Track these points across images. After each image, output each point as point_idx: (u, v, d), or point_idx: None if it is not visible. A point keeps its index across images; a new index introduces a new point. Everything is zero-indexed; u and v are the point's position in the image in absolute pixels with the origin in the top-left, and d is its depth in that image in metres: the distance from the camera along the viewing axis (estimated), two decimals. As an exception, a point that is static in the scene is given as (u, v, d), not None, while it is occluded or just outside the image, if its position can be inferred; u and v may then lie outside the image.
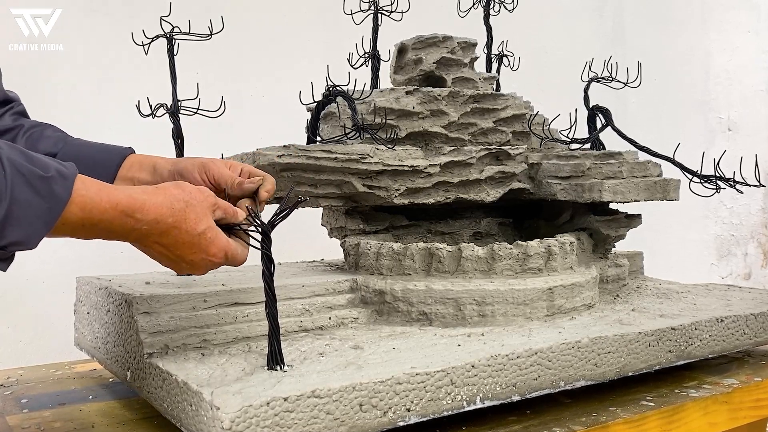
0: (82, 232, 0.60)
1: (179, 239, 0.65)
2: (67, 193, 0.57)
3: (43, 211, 0.55)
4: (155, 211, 0.63)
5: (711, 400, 0.86)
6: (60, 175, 0.57)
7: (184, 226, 0.64)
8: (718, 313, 0.95)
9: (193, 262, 0.67)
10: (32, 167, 0.55)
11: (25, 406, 0.85)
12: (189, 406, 0.64)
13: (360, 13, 1.12)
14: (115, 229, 0.61)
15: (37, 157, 0.57)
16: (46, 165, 0.56)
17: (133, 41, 0.94)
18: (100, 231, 0.61)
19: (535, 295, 0.88)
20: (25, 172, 0.54)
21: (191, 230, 0.65)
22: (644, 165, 1.05)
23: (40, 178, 0.55)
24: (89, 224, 0.59)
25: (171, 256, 0.66)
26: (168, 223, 0.63)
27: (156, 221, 0.63)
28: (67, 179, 0.57)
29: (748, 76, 1.96)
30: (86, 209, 0.58)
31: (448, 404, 0.70)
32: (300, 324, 0.84)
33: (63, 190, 0.56)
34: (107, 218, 0.60)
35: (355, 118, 0.94)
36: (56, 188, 0.56)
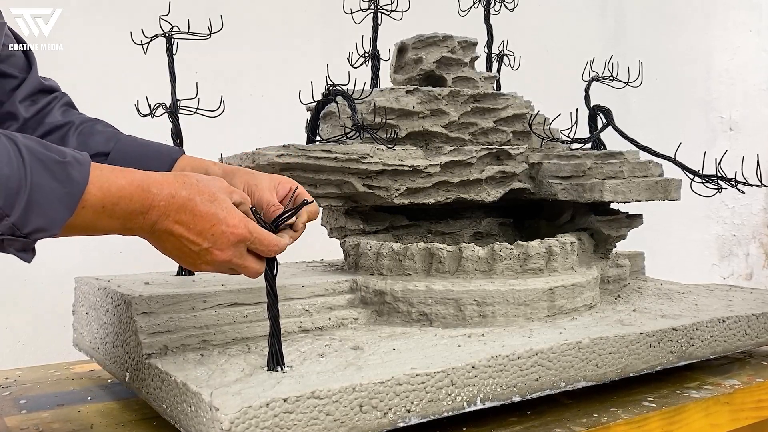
0: (103, 219, 0.59)
1: (196, 211, 0.63)
2: (84, 177, 0.56)
3: (64, 195, 0.55)
4: (169, 185, 0.62)
5: (712, 401, 0.85)
6: (76, 160, 0.57)
7: (198, 197, 0.63)
8: (719, 314, 0.94)
9: (215, 238, 0.64)
10: (49, 153, 0.55)
11: (23, 407, 0.84)
12: (188, 407, 0.64)
13: (360, 12, 1.12)
14: (135, 207, 0.60)
15: (51, 144, 0.57)
16: (62, 151, 0.56)
17: (132, 40, 0.93)
18: (120, 214, 0.60)
19: (535, 296, 0.88)
20: (43, 158, 0.54)
21: (207, 197, 0.64)
22: (645, 165, 1.05)
23: (57, 163, 0.55)
24: (109, 205, 0.58)
25: (191, 236, 0.63)
26: (183, 196, 0.62)
27: (171, 195, 0.62)
28: (83, 164, 0.57)
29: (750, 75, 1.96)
30: (104, 188, 0.58)
31: (449, 405, 0.70)
32: (300, 325, 0.84)
33: (80, 174, 0.56)
34: (126, 195, 0.59)
35: (355, 118, 0.94)
36: (74, 172, 0.56)
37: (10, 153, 0.53)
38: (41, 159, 0.54)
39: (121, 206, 0.59)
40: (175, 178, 0.63)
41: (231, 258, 0.66)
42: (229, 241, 0.65)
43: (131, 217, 0.61)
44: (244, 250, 0.66)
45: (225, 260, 0.65)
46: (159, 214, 0.62)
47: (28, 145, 0.54)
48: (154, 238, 0.65)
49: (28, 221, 0.53)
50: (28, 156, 0.54)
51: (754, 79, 1.95)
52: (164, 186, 0.62)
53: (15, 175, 0.53)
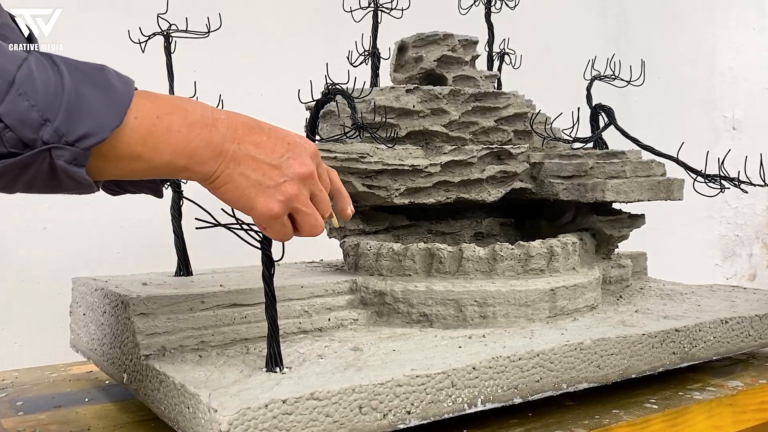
0: (161, 132, 0.53)
1: (263, 125, 0.58)
2: (128, 85, 0.52)
3: (109, 102, 0.51)
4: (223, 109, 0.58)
5: (715, 403, 0.85)
6: (116, 72, 0.53)
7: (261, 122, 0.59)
8: (722, 315, 0.94)
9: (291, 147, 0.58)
10: (87, 63, 0.52)
11: (20, 408, 0.84)
12: (186, 408, 0.63)
13: (360, 10, 1.11)
14: (195, 118, 0.54)
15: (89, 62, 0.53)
16: (100, 64, 0.53)
17: (129, 39, 0.93)
18: (179, 124, 0.53)
19: (537, 296, 0.87)
20: (81, 66, 0.51)
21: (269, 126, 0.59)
22: (648, 164, 1.04)
23: (97, 70, 0.52)
24: (164, 115, 0.53)
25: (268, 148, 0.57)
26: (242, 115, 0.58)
27: (232, 113, 0.57)
28: (124, 77, 0.53)
29: (754, 74, 1.94)
30: (152, 98, 0.53)
31: (449, 406, 0.69)
32: (299, 325, 0.83)
33: (122, 82, 0.52)
34: (180, 106, 0.54)
35: (355, 117, 0.94)
36: (115, 81, 0.52)
37: (44, 62, 0.50)
38: (78, 68, 0.51)
39: (178, 116, 0.53)
40: None
41: (313, 171, 0.60)
42: (306, 152, 0.60)
43: (193, 130, 0.54)
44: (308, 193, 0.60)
45: (309, 172, 0.59)
46: (226, 127, 0.56)
47: (62, 57, 0.51)
48: (228, 162, 0.56)
49: (74, 126, 0.49)
50: (63, 64, 0.50)
51: (758, 77, 1.94)
52: (219, 109, 0.57)
53: (51, 81, 0.49)
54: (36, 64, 0.49)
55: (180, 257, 0.97)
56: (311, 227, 0.62)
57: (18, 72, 0.48)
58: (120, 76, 0.53)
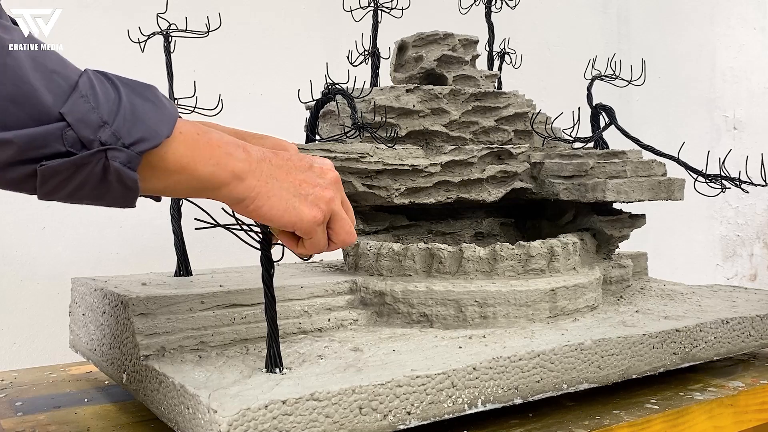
0: (202, 147, 0.56)
1: (290, 154, 0.62)
2: (172, 105, 0.56)
3: (158, 113, 0.54)
4: None
5: (716, 403, 0.85)
6: (159, 90, 0.56)
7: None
8: (723, 315, 0.94)
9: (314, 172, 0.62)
10: (134, 79, 0.55)
11: (19, 409, 0.84)
12: (186, 409, 0.63)
13: (360, 9, 1.11)
14: (230, 140, 0.58)
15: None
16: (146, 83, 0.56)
17: (129, 38, 0.93)
18: (217, 142, 0.57)
19: (537, 297, 0.87)
20: (129, 82, 0.54)
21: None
22: (648, 164, 1.04)
23: (145, 87, 0.55)
24: (203, 133, 0.56)
25: (295, 168, 0.61)
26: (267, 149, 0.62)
27: (259, 145, 0.62)
28: (166, 97, 0.57)
29: (755, 73, 1.95)
30: (190, 121, 0.57)
31: (449, 407, 0.69)
32: (298, 326, 0.83)
33: (167, 100, 0.56)
34: (216, 131, 0.58)
35: (355, 117, 0.94)
36: (163, 99, 0.55)
37: (99, 75, 0.53)
38: (128, 84, 0.54)
39: (215, 135, 0.57)
40: None
41: (338, 177, 0.64)
42: (326, 164, 0.64)
43: (232, 146, 0.58)
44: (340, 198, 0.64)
45: (337, 178, 0.63)
46: (256, 149, 0.60)
47: (114, 74, 0.54)
48: (266, 179, 0.59)
49: (130, 131, 0.52)
50: (116, 79, 0.54)
51: (759, 77, 1.94)
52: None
53: (109, 90, 0.52)
54: (94, 76, 0.53)
55: (179, 257, 0.96)
56: (347, 234, 0.64)
57: (80, 79, 0.51)
58: (165, 96, 0.57)
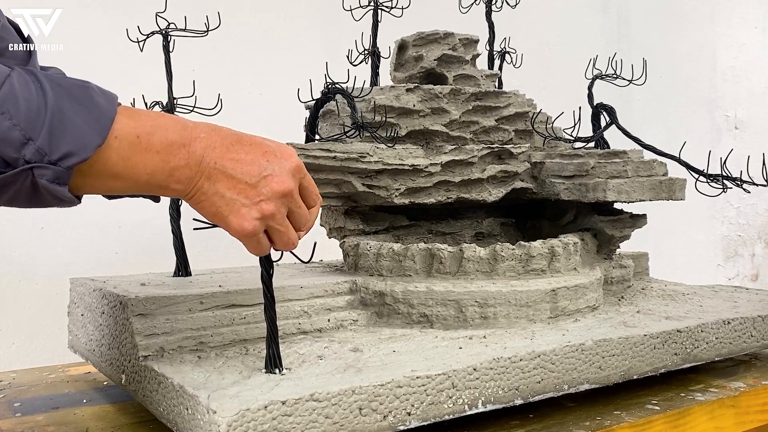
0: (140, 152, 0.53)
1: (244, 140, 0.59)
2: (111, 103, 0.53)
3: (91, 119, 0.51)
4: (205, 123, 0.58)
5: (717, 404, 0.84)
6: (100, 89, 0.53)
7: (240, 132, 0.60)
8: (724, 315, 0.93)
9: (270, 164, 0.58)
10: (71, 79, 0.52)
11: (18, 410, 0.83)
12: (185, 409, 0.63)
13: (360, 9, 1.11)
14: (174, 138, 0.55)
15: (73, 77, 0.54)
16: (83, 81, 0.53)
17: (128, 38, 0.93)
18: (158, 145, 0.54)
19: (538, 297, 0.87)
20: (64, 83, 0.51)
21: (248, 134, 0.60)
22: (649, 164, 1.04)
23: (80, 87, 0.52)
24: (144, 135, 0.53)
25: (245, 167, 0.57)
26: (224, 128, 0.59)
27: (211, 128, 0.58)
28: (108, 94, 0.53)
29: (756, 73, 1.94)
30: (135, 117, 0.54)
31: (450, 408, 0.69)
32: (298, 326, 0.83)
33: (106, 100, 0.53)
34: (161, 124, 0.55)
35: (355, 116, 0.93)
36: (99, 99, 0.52)
37: (27, 78, 0.50)
38: (61, 84, 0.51)
39: (158, 136, 0.54)
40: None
41: (292, 189, 0.59)
42: (285, 168, 0.59)
43: (172, 150, 0.55)
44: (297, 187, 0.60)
45: (288, 189, 0.59)
46: (204, 146, 0.56)
47: (46, 74, 0.51)
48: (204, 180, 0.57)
49: (56, 145, 0.49)
50: (47, 81, 0.50)
51: (760, 76, 1.94)
52: (200, 123, 0.58)
53: (34, 99, 0.49)
54: (18, 80, 0.49)
55: (179, 257, 0.96)
56: (284, 244, 0.62)
57: (0, 90, 0.48)
58: (104, 92, 0.54)
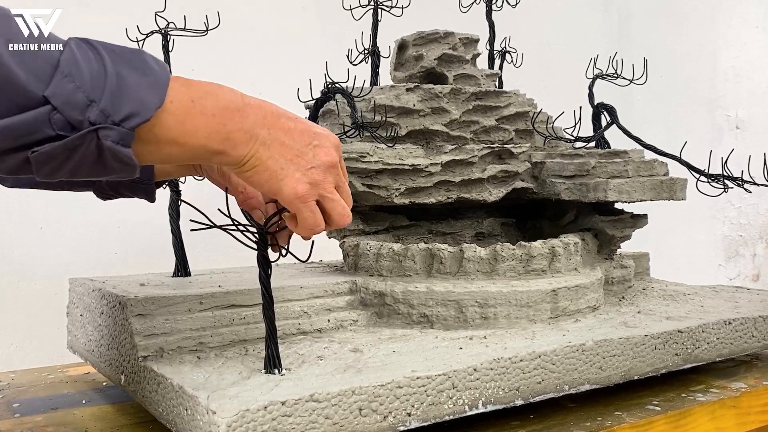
0: (196, 115, 0.54)
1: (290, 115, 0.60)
2: (164, 69, 0.53)
3: (148, 83, 0.51)
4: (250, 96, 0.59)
5: (719, 405, 0.84)
6: (151, 56, 0.54)
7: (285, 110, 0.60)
8: (725, 316, 0.93)
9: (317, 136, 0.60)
10: (124, 47, 0.53)
11: (16, 410, 0.83)
12: (184, 410, 0.62)
13: (360, 8, 1.10)
14: (226, 103, 0.55)
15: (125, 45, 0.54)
16: (135, 48, 0.54)
17: (127, 37, 0.92)
18: (212, 109, 0.54)
19: (538, 297, 0.87)
20: (118, 50, 0.52)
21: None
22: (650, 164, 1.03)
23: (134, 53, 0.52)
24: (198, 98, 0.54)
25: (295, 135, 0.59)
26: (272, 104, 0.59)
27: (262, 101, 0.58)
28: (160, 61, 0.54)
29: (757, 72, 1.94)
30: (186, 84, 0.54)
31: (450, 408, 0.68)
32: (298, 327, 0.83)
33: (159, 66, 0.53)
34: (212, 91, 0.55)
35: (355, 116, 0.93)
36: (152, 63, 0.53)
37: (83, 46, 0.51)
38: (116, 51, 0.51)
39: (211, 101, 0.55)
40: None
41: (338, 161, 0.62)
42: (331, 141, 0.62)
43: (227, 113, 0.55)
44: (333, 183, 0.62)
45: (334, 161, 0.61)
46: (256, 113, 0.57)
47: (100, 42, 0.52)
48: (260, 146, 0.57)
49: (118, 107, 0.49)
50: (102, 48, 0.51)
51: (762, 76, 1.93)
52: (247, 95, 0.58)
53: (94, 63, 0.50)
54: (77, 48, 0.50)
55: (178, 258, 0.96)
56: (339, 215, 0.63)
57: (62, 56, 0.49)
58: (156, 59, 0.54)
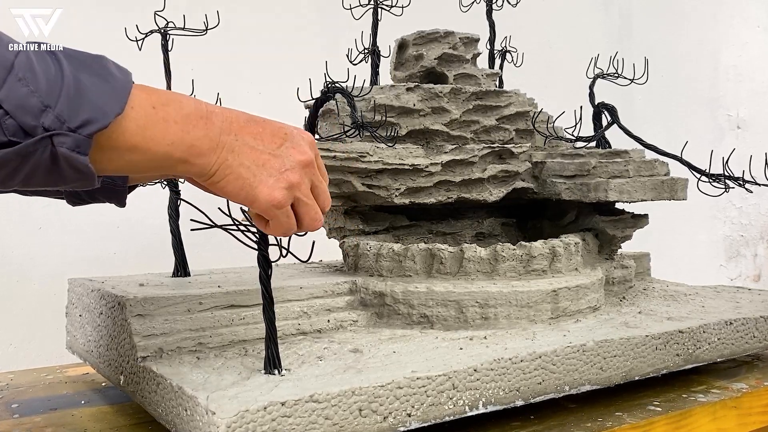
0: (158, 122, 0.52)
1: (258, 118, 0.58)
2: (126, 75, 0.52)
3: (108, 89, 0.50)
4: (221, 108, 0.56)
5: (720, 405, 0.84)
6: (113, 62, 0.52)
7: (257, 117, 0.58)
8: (726, 316, 0.93)
9: (289, 137, 0.58)
10: (83, 52, 0.51)
11: (15, 411, 0.83)
12: (184, 411, 0.62)
13: (359, 7, 1.10)
14: (189, 111, 0.54)
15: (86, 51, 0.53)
16: (97, 54, 0.52)
17: (126, 36, 0.92)
18: (175, 116, 0.53)
19: (539, 297, 0.86)
20: (77, 55, 0.50)
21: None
22: (651, 164, 1.03)
23: (94, 59, 0.51)
24: (159, 105, 0.52)
25: (266, 139, 0.56)
26: (236, 110, 0.58)
27: (226, 108, 0.57)
28: (121, 67, 0.52)
29: (758, 72, 1.93)
30: (148, 90, 0.53)
31: (450, 409, 0.68)
32: (298, 327, 0.82)
33: (120, 71, 0.52)
34: (175, 99, 0.53)
35: (355, 116, 0.93)
36: (114, 69, 0.51)
37: (41, 51, 0.49)
38: (76, 56, 0.50)
39: (174, 108, 0.53)
40: None
41: (313, 159, 0.59)
42: (304, 140, 0.59)
43: (190, 120, 0.53)
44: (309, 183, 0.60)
45: (309, 159, 0.58)
46: (222, 119, 0.55)
47: (60, 47, 0.50)
48: (228, 153, 0.55)
49: (75, 113, 0.48)
50: (61, 53, 0.49)
51: (763, 76, 1.93)
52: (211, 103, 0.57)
53: (51, 68, 0.48)
54: (34, 52, 0.49)
55: (177, 258, 0.96)
56: (311, 220, 0.61)
57: (16, 59, 0.47)
58: (118, 66, 0.53)
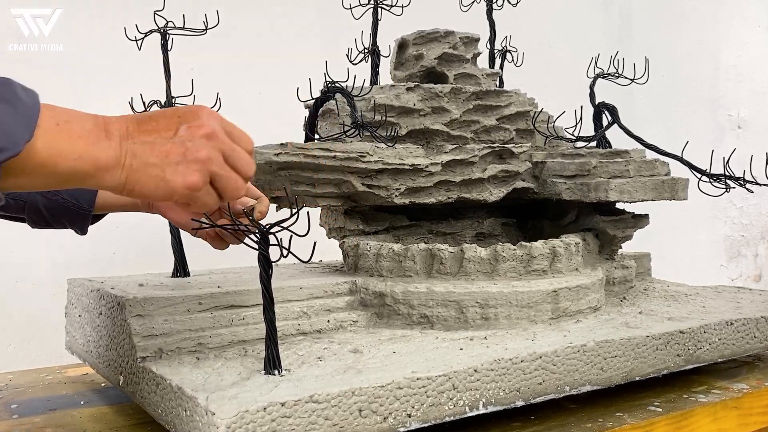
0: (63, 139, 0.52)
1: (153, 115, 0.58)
2: (34, 98, 0.52)
3: (18, 115, 0.49)
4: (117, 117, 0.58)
5: (720, 406, 0.84)
6: (20, 84, 0.52)
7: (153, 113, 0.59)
8: (727, 316, 0.93)
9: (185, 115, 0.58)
10: None
11: (15, 411, 0.83)
12: (183, 411, 0.62)
13: (359, 7, 1.10)
14: (89, 126, 0.54)
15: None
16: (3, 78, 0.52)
17: (126, 36, 0.92)
18: (78, 131, 0.53)
19: (539, 298, 0.86)
20: None
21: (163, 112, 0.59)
22: (652, 164, 1.03)
23: (3, 84, 0.50)
24: (63, 122, 0.53)
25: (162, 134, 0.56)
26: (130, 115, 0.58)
27: (124, 117, 0.57)
28: (29, 89, 0.52)
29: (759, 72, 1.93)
30: (51, 108, 0.53)
31: (450, 410, 0.68)
32: (298, 327, 0.82)
33: (28, 96, 0.51)
34: (75, 116, 0.54)
35: (355, 116, 0.93)
36: (22, 95, 0.51)
37: None
38: None
39: (76, 124, 0.54)
40: None
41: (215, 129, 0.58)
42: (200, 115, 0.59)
43: (92, 135, 0.54)
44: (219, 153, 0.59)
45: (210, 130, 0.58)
46: (118, 127, 0.56)
47: None
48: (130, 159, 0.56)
49: None
50: None
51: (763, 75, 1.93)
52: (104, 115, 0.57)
53: None
54: None
55: (177, 258, 0.96)
56: (234, 189, 0.60)
57: None
58: (25, 89, 0.53)
